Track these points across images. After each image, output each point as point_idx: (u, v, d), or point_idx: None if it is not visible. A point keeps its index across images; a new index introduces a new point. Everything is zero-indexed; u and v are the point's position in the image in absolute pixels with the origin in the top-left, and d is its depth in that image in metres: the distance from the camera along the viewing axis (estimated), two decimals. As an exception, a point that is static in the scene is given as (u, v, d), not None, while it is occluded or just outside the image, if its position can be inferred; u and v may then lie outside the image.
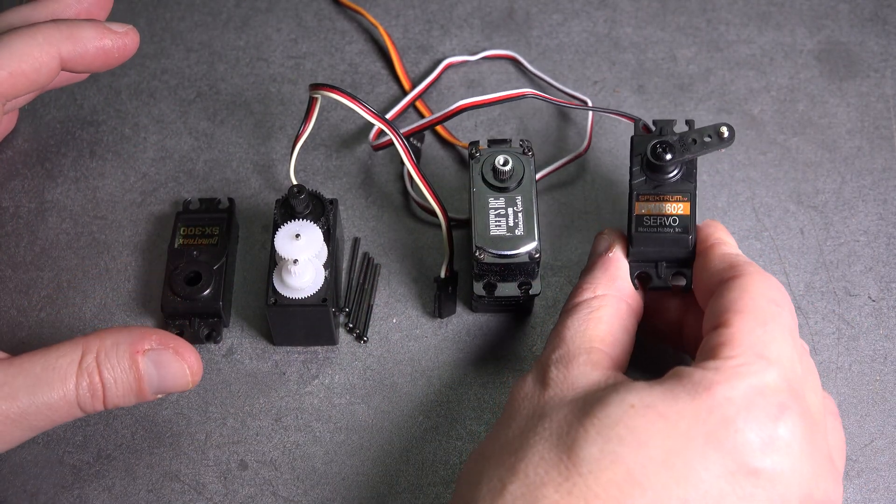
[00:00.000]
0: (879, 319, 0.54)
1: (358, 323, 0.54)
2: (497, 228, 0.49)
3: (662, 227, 0.48)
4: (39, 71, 0.50)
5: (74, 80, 0.57)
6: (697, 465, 0.38)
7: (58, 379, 0.43)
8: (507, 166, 0.50)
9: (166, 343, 0.44)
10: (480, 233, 0.49)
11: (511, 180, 0.51)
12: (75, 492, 0.50)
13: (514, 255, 0.49)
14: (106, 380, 0.43)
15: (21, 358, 0.43)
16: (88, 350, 0.43)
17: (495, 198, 0.50)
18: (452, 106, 0.53)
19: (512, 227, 0.49)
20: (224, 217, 0.56)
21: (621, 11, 0.67)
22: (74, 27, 0.51)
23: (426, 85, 0.63)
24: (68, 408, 0.43)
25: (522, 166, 0.51)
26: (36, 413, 0.42)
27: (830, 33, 0.66)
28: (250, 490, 0.50)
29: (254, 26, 0.67)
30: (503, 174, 0.50)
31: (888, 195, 0.59)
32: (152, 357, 0.44)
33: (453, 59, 0.64)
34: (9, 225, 0.58)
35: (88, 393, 0.43)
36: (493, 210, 0.50)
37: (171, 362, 0.44)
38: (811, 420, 0.41)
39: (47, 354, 0.43)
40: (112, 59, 0.52)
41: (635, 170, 0.49)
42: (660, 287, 0.49)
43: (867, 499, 0.49)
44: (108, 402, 0.44)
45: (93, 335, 0.44)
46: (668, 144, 0.49)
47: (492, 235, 0.49)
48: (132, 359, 0.44)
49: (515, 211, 0.50)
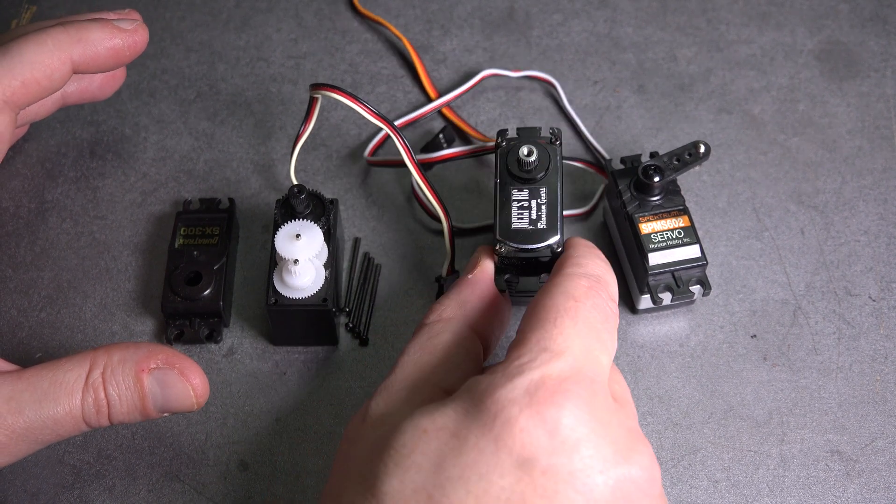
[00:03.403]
0: (880, 319, 0.54)
1: (358, 323, 0.54)
2: (519, 221, 0.48)
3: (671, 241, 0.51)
4: (52, 77, 0.50)
5: (97, 98, 0.57)
6: (492, 475, 0.37)
7: (64, 394, 0.43)
8: (531, 157, 0.49)
9: (172, 363, 0.44)
10: (502, 225, 0.48)
11: (536, 171, 0.49)
12: (75, 492, 0.50)
13: (536, 249, 0.48)
14: (111, 396, 0.43)
15: (29, 372, 0.43)
16: (95, 365, 0.43)
17: (519, 189, 0.49)
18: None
19: (535, 220, 0.48)
20: (224, 217, 0.56)
21: (621, 11, 0.67)
22: (83, 29, 0.50)
23: (461, 92, 0.62)
24: (74, 422, 0.43)
25: (549, 156, 0.50)
26: (42, 427, 0.42)
27: (830, 33, 0.66)
28: (250, 490, 0.50)
29: (254, 26, 0.67)
30: (528, 165, 0.49)
31: (888, 195, 0.59)
32: (157, 376, 0.44)
33: (493, 71, 0.63)
34: (9, 225, 0.58)
35: (94, 409, 0.43)
36: (516, 202, 0.49)
37: (176, 383, 0.44)
38: (603, 399, 0.39)
39: (55, 369, 0.43)
40: (123, 57, 0.52)
41: (626, 197, 0.52)
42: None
43: (867, 499, 0.49)
44: (113, 419, 0.44)
45: (101, 350, 0.44)
46: (657, 167, 0.52)
47: (513, 228, 0.48)
48: (137, 377, 0.44)
49: (539, 203, 0.49)
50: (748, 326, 0.54)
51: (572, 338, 0.40)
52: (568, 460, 0.37)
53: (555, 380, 0.38)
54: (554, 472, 0.37)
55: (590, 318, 0.41)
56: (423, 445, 0.38)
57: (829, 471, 0.49)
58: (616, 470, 0.38)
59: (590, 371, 0.39)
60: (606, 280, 0.44)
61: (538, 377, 0.38)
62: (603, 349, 0.41)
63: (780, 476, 0.49)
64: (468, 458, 0.37)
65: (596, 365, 0.40)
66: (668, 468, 0.50)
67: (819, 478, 0.49)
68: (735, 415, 0.51)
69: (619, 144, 0.61)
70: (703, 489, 0.49)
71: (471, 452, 0.37)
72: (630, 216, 0.52)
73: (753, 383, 0.52)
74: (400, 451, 0.38)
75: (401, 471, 0.37)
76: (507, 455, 0.37)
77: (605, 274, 0.44)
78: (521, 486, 0.36)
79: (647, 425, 0.51)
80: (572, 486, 0.37)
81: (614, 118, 0.62)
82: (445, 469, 0.37)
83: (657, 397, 0.52)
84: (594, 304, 0.42)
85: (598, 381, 0.39)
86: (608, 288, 0.44)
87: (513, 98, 0.63)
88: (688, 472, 0.49)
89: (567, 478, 0.37)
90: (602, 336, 0.41)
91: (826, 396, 0.52)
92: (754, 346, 0.53)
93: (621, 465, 0.38)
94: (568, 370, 0.39)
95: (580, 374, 0.39)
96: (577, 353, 0.40)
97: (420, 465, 0.37)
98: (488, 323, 0.46)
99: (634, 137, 0.61)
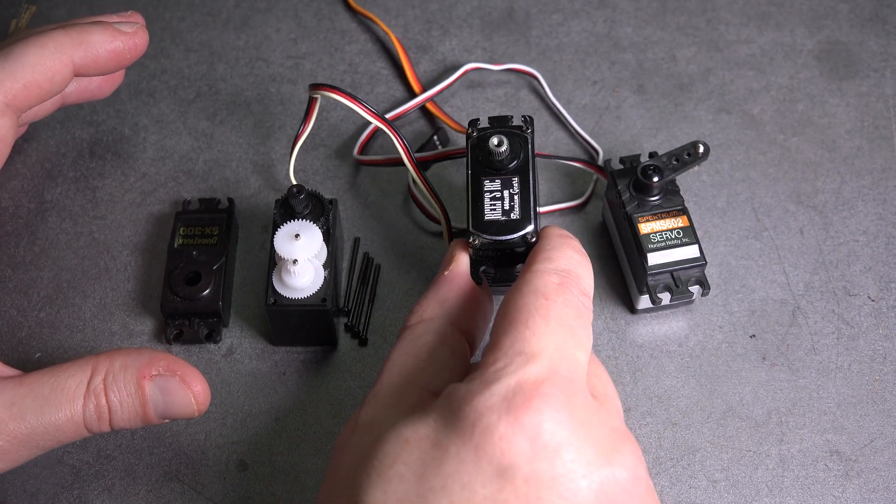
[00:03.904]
0: (879, 319, 0.54)
1: (357, 323, 0.54)
2: (492, 212, 0.47)
3: (670, 241, 0.52)
4: (53, 80, 0.50)
5: (96, 97, 0.57)
6: (475, 484, 0.36)
7: (66, 400, 0.43)
8: (501, 146, 0.48)
9: (174, 370, 0.44)
10: (475, 217, 0.47)
11: (507, 161, 0.48)
12: (75, 492, 0.50)
13: (510, 241, 0.47)
14: (112, 402, 0.43)
15: (30, 377, 0.43)
16: (97, 371, 0.43)
17: (491, 180, 0.48)
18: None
19: (508, 211, 0.47)
20: (224, 217, 0.56)
21: (621, 11, 0.67)
22: (84, 32, 0.51)
23: (443, 87, 0.62)
24: (75, 428, 0.43)
25: (520, 145, 0.48)
26: (43, 433, 0.43)
27: (830, 33, 0.66)
28: (250, 490, 0.50)
29: (254, 26, 0.67)
30: (498, 155, 0.48)
31: (888, 195, 0.59)
32: (159, 383, 0.44)
33: (474, 65, 0.63)
34: (9, 225, 0.58)
35: (95, 415, 0.43)
36: (488, 193, 0.48)
37: (178, 390, 0.44)
38: (582, 400, 0.38)
39: (57, 374, 0.43)
40: (124, 60, 0.52)
41: (625, 197, 0.52)
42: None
43: (867, 499, 0.49)
44: (114, 425, 0.44)
45: (103, 355, 0.44)
46: (656, 167, 0.52)
47: (487, 220, 0.47)
48: (139, 384, 0.44)
49: (512, 193, 0.48)
50: (747, 326, 0.54)
51: (546, 338, 0.39)
52: (549, 466, 0.36)
53: (531, 384, 0.37)
54: (536, 479, 0.36)
55: (562, 315, 0.40)
56: (406, 455, 0.37)
57: (828, 471, 0.49)
58: (599, 472, 0.37)
59: (566, 371, 0.39)
60: (578, 273, 0.43)
61: (514, 382, 0.37)
62: (578, 346, 0.40)
63: (779, 476, 0.49)
64: (449, 467, 0.37)
65: (572, 363, 0.39)
66: (667, 468, 0.50)
67: (818, 478, 0.49)
68: (734, 415, 0.51)
69: (619, 144, 0.61)
70: (702, 489, 0.49)
71: (452, 462, 0.37)
72: (629, 216, 0.52)
73: (752, 383, 0.52)
74: (383, 462, 0.37)
75: (383, 481, 0.37)
76: (488, 464, 0.36)
77: (576, 267, 0.43)
78: (503, 494, 0.36)
79: (646, 425, 0.51)
80: (555, 492, 0.36)
81: (614, 118, 0.62)
82: (428, 479, 0.36)
83: (656, 397, 0.52)
84: (566, 301, 0.41)
85: (575, 380, 0.39)
86: (580, 282, 0.43)
87: (507, 95, 0.63)
88: (687, 472, 0.49)
89: (549, 483, 0.36)
90: (577, 332, 0.40)
91: (825, 396, 0.52)
92: (753, 345, 0.53)
93: (604, 467, 0.37)
94: (544, 372, 0.38)
95: (557, 375, 0.38)
96: (553, 354, 0.39)
97: (402, 475, 0.37)
98: (471, 318, 0.46)
99: (634, 137, 0.61)
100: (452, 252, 0.48)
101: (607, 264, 0.56)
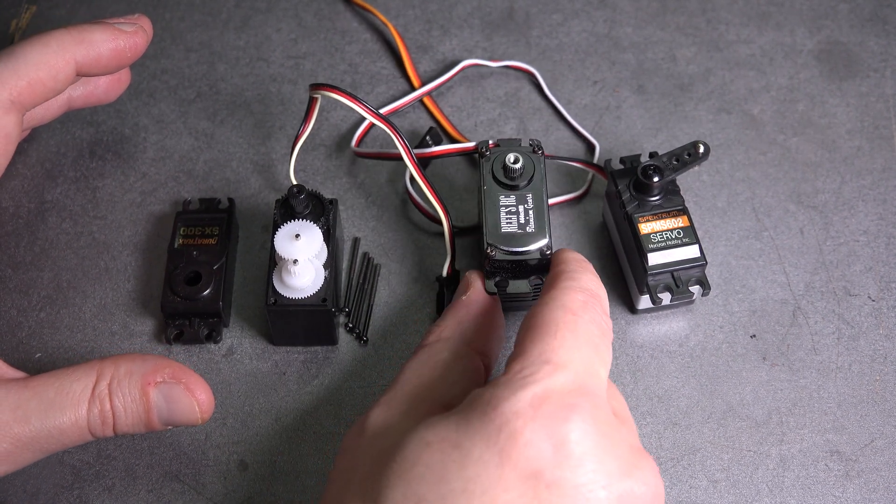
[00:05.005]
0: (879, 319, 0.54)
1: (358, 323, 0.54)
2: (508, 226, 0.50)
3: (670, 241, 0.52)
4: (56, 78, 0.50)
5: (103, 101, 0.58)
6: (496, 488, 0.36)
7: (70, 404, 0.43)
8: (517, 164, 0.51)
9: (179, 377, 0.45)
10: (492, 230, 0.50)
11: (521, 178, 0.51)
12: (75, 492, 0.50)
13: (526, 252, 0.49)
14: (116, 408, 0.43)
15: (36, 380, 0.43)
16: (102, 376, 0.44)
17: (506, 195, 0.51)
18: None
19: (523, 225, 0.50)
20: (224, 217, 0.56)
21: (621, 11, 0.67)
22: (86, 31, 0.51)
23: (441, 82, 0.62)
24: (79, 433, 0.43)
25: (533, 164, 0.51)
26: (47, 437, 0.43)
27: (830, 33, 0.66)
28: (250, 490, 0.50)
29: (254, 26, 0.67)
30: (514, 172, 0.51)
31: (888, 195, 0.59)
32: (163, 390, 0.44)
33: (472, 61, 0.64)
34: (9, 225, 0.58)
35: (99, 420, 0.43)
36: (504, 207, 0.50)
37: (182, 398, 0.44)
38: (605, 414, 0.39)
39: (62, 378, 0.43)
40: (126, 59, 0.53)
41: (626, 197, 0.53)
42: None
43: (867, 499, 0.49)
44: (118, 430, 0.44)
45: (108, 360, 0.44)
46: (656, 167, 0.52)
47: (503, 233, 0.49)
48: (143, 390, 0.44)
49: (526, 208, 0.50)
50: (747, 326, 0.54)
51: (573, 351, 0.40)
52: (573, 474, 0.37)
53: (560, 393, 0.38)
54: (558, 487, 0.37)
55: (588, 331, 0.42)
56: (427, 457, 0.38)
57: (828, 471, 0.49)
58: (619, 485, 0.38)
59: (592, 385, 0.40)
60: (600, 295, 0.45)
61: (542, 390, 0.38)
62: (602, 363, 0.41)
63: (780, 476, 0.49)
64: (471, 470, 0.37)
65: (597, 379, 0.40)
66: (668, 468, 0.50)
67: (818, 478, 0.49)
68: (734, 415, 0.51)
69: (619, 144, 0.61)
70: (703, 489, 0.49)
71: (474, 465, 0.37)
72: (629, 216, 0.53)
73: (753, 383, 0.52)
74: (403, 463, 0.38)
75: (403, 483, 0.37)
76: (512, 469, 0.37)
77: (598, 289, 0.45)
78: (524, 499, 0.36)
79: (647, 425, 0.51)
80: (576, 501, 0.37)
81: (614, 118, 0.62)
82: (449, 481, 0.37)
83: (656, 397, 0.52)
84: (591, 318, 0.42)
85: (599, 395, 0.40)
86: (602, 302, 0.44)
87: (507, 95, 0.63)
88: (687, 472, 0.49)
89: (571, 492, 0.37)
90: (600, 349, 0.42)
91: (825, 396, 0.52)
92: (753, 346, 0.53)
93: (625, 479, 0.38)
94: (571, 383, 0.39)
95: (584, 387, 0.39)
96: (579, 367, 0.40)
97: (423, 476, 0.37)
98: (486, 340, 0.47)
99: (634, 137, 0.61)
100: (469, 280, 0.50)
101: (607, 264, 0.56)
